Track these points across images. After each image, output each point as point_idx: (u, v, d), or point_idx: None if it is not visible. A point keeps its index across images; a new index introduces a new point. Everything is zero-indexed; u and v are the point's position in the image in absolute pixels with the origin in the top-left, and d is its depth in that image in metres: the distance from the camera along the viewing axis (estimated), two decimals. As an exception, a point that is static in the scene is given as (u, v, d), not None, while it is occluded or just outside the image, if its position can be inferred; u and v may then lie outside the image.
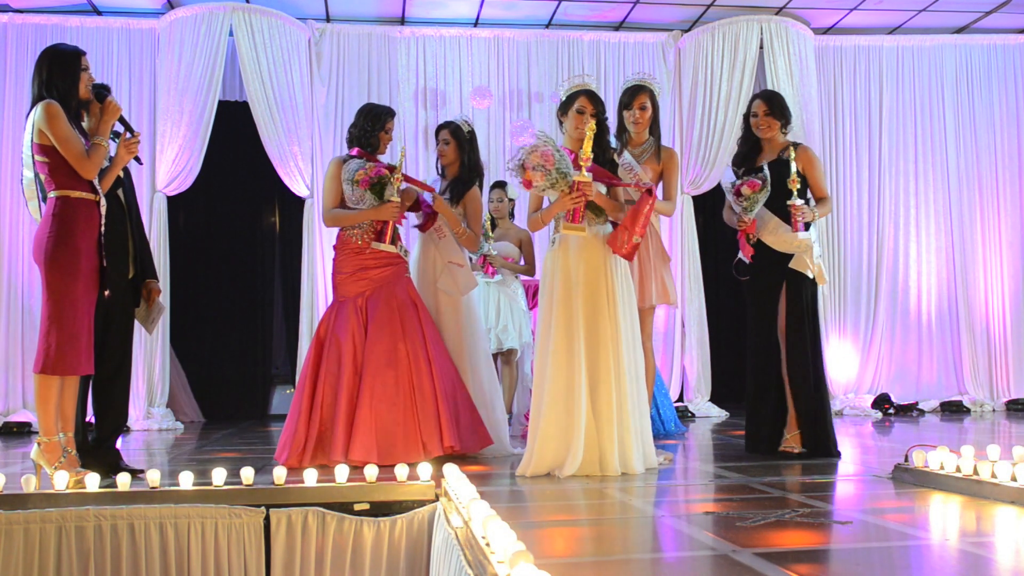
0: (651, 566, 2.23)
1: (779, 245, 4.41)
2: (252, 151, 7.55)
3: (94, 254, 3.67)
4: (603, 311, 3.86)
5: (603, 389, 3.79)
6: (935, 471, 3.22)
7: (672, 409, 6.41)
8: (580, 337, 3.81)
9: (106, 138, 3.73)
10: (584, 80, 4.09)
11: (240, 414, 8.00)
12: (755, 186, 4.32)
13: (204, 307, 8.09)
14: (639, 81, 4.51)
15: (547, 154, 3.77)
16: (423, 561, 2.95)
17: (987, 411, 7.80)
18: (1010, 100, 8.28)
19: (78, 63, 3.73)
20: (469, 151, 4.93)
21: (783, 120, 4.56)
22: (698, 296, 7.86)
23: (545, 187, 3.82)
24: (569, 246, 3.93)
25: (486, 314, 5.75)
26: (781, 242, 4.39)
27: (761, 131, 4.57)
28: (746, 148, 4.66)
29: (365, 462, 3.53)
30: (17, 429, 6.79)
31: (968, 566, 2.09)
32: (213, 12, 7.25)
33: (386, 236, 4.50)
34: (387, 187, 4.46)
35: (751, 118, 4.60)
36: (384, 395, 4.31)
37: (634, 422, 3.83)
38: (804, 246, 4.37)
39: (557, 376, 3.81)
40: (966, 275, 8.13)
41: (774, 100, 4.58)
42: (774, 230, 4.40)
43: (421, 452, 4.22)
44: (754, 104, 4.61)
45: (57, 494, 2.96)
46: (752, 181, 4.34)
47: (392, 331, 4.42)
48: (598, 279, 3.89)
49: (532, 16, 7.87)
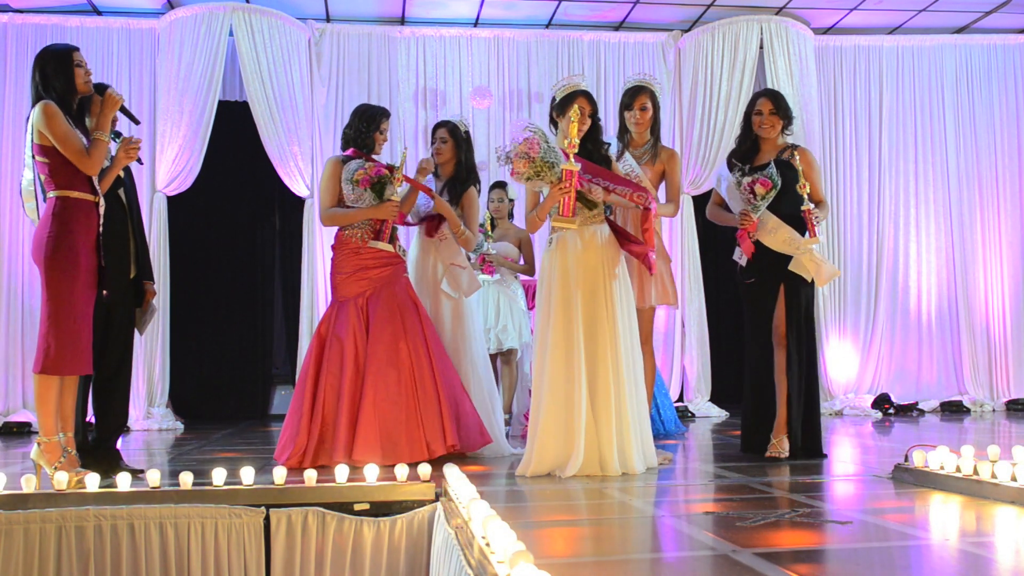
0: (651, 566, 2.23)
1: (778, 246, 4.31)
2: (252, 151, 7.55)
3: (93, 254, 3.67)
4: (601, 311, 3.86)
5: (602, 389, 3.79)
6: (935, 471, 3.22)
7: (672, 409, 6.41)
8: (578, 337, 3.81)
9: (107, 132, 3.71)
10: (577, 80, 4.10)
11: (240, 414, 8.00)
12: (767, 185, 4.22)
13: (204, 307, 8.08)
14: (640, 82, 4.51)
15: (533, 142, 3.77)
16: (423, 561, 2.95)
17: (987, 411, 7.80)
18: (1010, 100, 8.28)
19: (70, 59, 3.72)
20: (466, 151, 4.94)
21: (786, 120, 4.46)
22: (698, 296, 7.86)
23: (529, 175, 3.81)
24: (567, 246, 3.93)
25: (486, 314, 5.76)
26: (780, 243, 4.30)
27: (764, 130, 4.45)
28: (745, 146, 4.53)
29: (368, 462, 3.53)
30: (17, 429, 6.79)
31: (968, 566, 2.09)
32: (213, 12, 7.25)
33: (384, 235, 4.51)
34: (387, 186, 4.46)
35: (754, 116, 4.47)
36: (387, 395, 4.31)
37: (633, 422, 3.83)
38: (806, 248, 4.28)
39: (556, 376, 3.81)
40: (966, 275, 8.13)
41: (780, 100, 4.49)
42: (774, 230, 4.31)
43: (425, 451, 4.22)
44: (759, 102, 4.48)
45: (57, 494, 2.95)
46: (764, 180, 4.23)
47: (394, 331, 4.42)
48: (596, 279, 3.89)
49: (532, 16, 7.87)
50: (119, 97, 3.77)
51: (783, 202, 4.29)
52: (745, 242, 4.35)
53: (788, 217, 4.31)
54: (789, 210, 4.30)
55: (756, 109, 4.47)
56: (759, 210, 4.27)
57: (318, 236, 7.42)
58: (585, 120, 3.97)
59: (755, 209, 4.26)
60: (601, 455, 3.75)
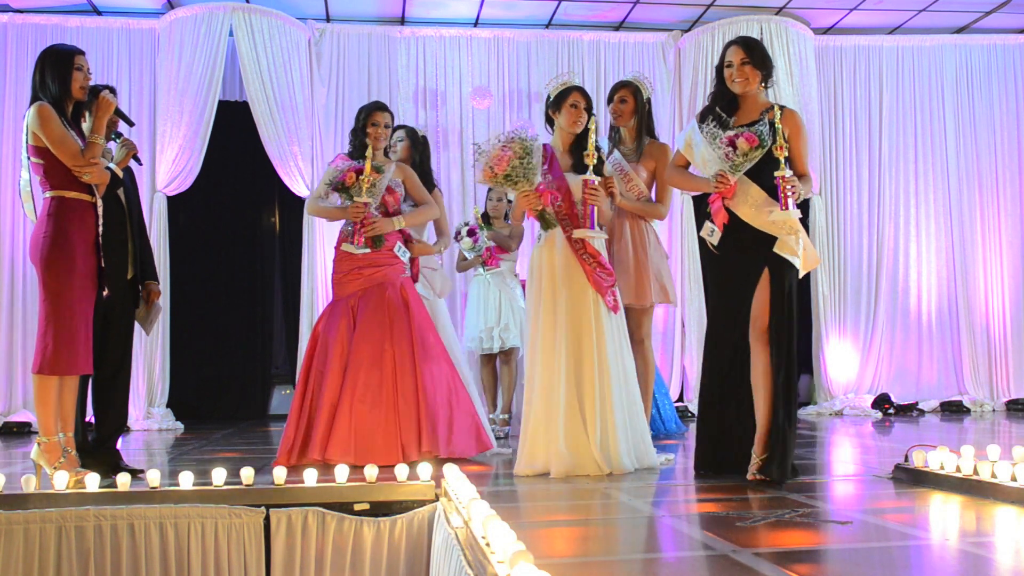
0: (651, 566, 2.23)
1: (760, 223, 3.55)
2: (252, 151, 7.55)
3: (91, 254, 3.67)
4: (586, 310, 3.88)
5: (587, 388, 3.81)
6: (935, 471, 3.22)
7: (672, 409, 6.41)
8: (563, 336, 3.84)
9: (102, 135, 3.70)
10: (571, 77, 4.14)
11: (240, 414, 8.00)
12: (753, 141, 3.48)
13: (204, 307, 8.08)
14: (624, 78, 4.67)
15: (502, 159, 3.83)
16: (423, 561, 2.95)
17: (987, 411, 7.80)
18: (1010, 100, 8.27)
19: (71, 62, 3.71)
20: (422, 151, 5.21)
21: (764, 72, 3.70)
22: (698, 296, 7.85)
23: (484, 181, 3.99)
24: (554, 244, 3.98)
25: (487, 314, 5.78)
26: (762, 220, 3.54)
27: (737, 84, 3.68)
28: (721, 104, 3.73)
29: (341, 462, 3.53)
30: (17, 429, 6.79)
31: (968, 566, 2.09)
32: (213, 12, 7.25)
33: (356, 238, 4.46)
34: (351, 189, 4.47)
35: (725, 68, 3.72)
36: (365, 396, 4.32)
37: (620, 420, 3.83)
38: (793, 226, 3.51)
39: (543, 376, 3.84)
40: (966, 275, 8.13)
41: (753, 48, 3.71)
42: (756, 203, 3.55)
43: (399, 455, 4.19)
44: (728, 51, 3.72)
45: (57, 494, 2.96)
46: (749, 135, 3.50)
47: (380, 333, 4.42)
48: (581, 277, 3.91)
49: (532, 16, 7.87)
50: (112, 101, 3.76)
51: (764, 173, 3.57)
52: (719, 212, 3.60)
53: (767, 188, 3.59)
54: (769, 183, 3.57)
55: (726, 61, 3.72)
56: (740, 170, 3.53)
57: (318, 236, 7.42)
58: (581, 114, 4.03)
59: (735, 169, 3.52)
60: (589, 454, 3.75)
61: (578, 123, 4.02)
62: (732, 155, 3.51)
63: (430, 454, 4.25)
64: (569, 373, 3.81)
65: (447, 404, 4.44)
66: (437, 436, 4.33)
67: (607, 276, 3.95)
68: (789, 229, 3.51)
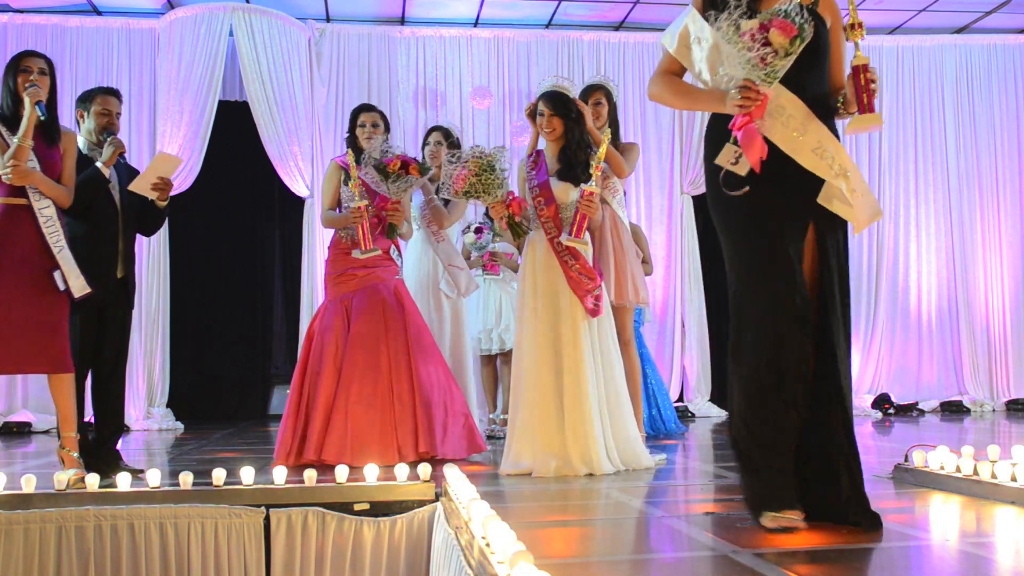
0: (651, 566, 2.23)
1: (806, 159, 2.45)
2: (252, 151, 7.54)
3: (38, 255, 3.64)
4: (564, 313, 3.90)
5: (568, 390, 3.82)
6: (935, 471, 3.22)
7: (672, 409, 6.41)
8: (544, 337, 3.87)
9: (28, 138, 3.62)
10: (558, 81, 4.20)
11: (240, 414, 8.00)
12: (790, 31, 2.36)
13: (204, 307, 8.08)
14: (593, 81, 4.77)
15: (459, 177, 3.96)
16: (423, 561, 2.95)
17: (987, 411, 7.80)
18: (1010, 100, 8.27)
19: (16, 65, 3.71)
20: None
21: None
22: (698, 296, 7.86)
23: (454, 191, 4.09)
24: (536, 245, 4.02)
25: (486, 315, 5.77)
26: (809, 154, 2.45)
27: None
28: None
29: (337, 463, 3.53)
30: (17, 429, 6.79)
31: (968, 566, 2.09)
32: (213, 12, 7.25)
33: (363, 242, 4.42)
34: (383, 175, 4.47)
35: None
36: (360, 397, 4.30)
37: (598, 422, 3.83)
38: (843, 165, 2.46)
39: (527, 374, 3.88)
40: (966, 275, 8.13)
41: None
42: (802, 125, 2.45)
43: (395, 456, 4.17)
44: None
45: (57, 494, 2.96)
46: (781, 21, 2.39)
47: (375, 334, 4.40)
48: (558, 279, 3.94)
49: (532, 16, 7.87)
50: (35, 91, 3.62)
51: (808, 79, 2.51)
52: (754, 140, 2.43)
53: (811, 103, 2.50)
54: (814, 91, 2.53)
55: None
56: (776, 76, 2.40)
57: (318, 236, 7.42)
58: (548, 120, 4.07)
59: (769, 76, 2.39)
60: (567, 455, 3.76)
61: (543, 130, 4.08)
62: (765, 57, 2.38)
63: (427, 455, 4.25)
64: (548, 374, 3.84)
65: (442, 405, 4.43)
66: (434, 437, 4.32)
67: (589, 280, 3.95)
68: (839, 169, 2.44)
